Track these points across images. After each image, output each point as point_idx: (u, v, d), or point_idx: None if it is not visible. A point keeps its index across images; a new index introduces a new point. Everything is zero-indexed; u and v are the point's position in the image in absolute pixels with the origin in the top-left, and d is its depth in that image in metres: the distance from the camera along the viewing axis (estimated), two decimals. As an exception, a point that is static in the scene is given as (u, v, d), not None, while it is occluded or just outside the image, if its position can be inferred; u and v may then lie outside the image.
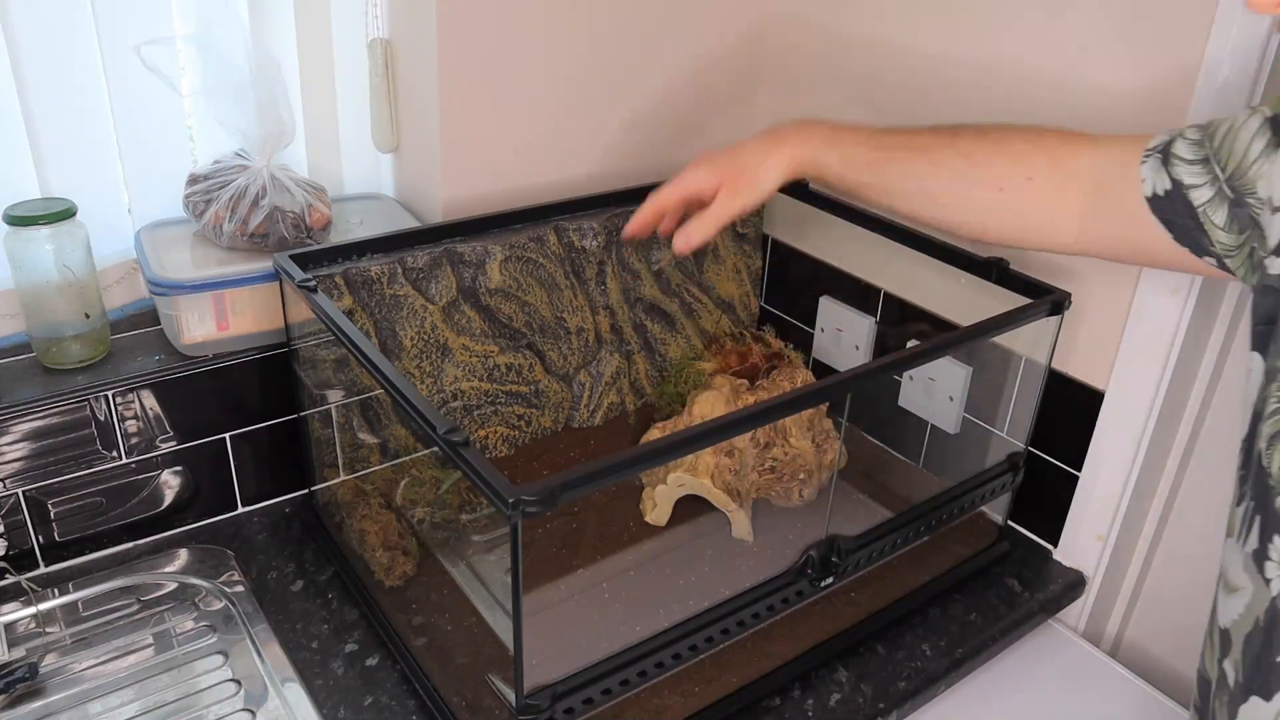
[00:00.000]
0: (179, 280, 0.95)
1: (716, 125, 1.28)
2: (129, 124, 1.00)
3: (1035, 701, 0.97)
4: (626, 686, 0.77)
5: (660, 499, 1.02)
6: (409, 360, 1.01)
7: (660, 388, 1.23)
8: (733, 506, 1.00)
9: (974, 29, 1.02)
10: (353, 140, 1.15)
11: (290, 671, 0.87)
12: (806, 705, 0.88)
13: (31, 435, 0.91)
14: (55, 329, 0.95)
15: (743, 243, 1.26)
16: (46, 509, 0.94)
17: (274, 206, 0.99)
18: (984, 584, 1.04)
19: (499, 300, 1.06)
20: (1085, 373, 1.01)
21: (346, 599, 0.95)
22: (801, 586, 0.87)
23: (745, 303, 1.30)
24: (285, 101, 0.99)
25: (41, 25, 0.92)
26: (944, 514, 0.97)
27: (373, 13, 1.08)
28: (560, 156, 1.17)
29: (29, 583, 0.93)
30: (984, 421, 1.09)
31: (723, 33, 1.23)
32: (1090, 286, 0.98)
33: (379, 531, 0.95)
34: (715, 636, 0.82)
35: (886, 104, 1.13)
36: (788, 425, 1.06)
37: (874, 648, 0.95)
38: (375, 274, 0.96)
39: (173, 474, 1.00)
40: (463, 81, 1.05)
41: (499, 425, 1.10)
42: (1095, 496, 1.03)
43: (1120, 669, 1.02)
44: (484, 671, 0.83)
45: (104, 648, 0.89)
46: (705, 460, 1.00)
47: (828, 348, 1.26)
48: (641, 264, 1.18)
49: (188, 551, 1.00)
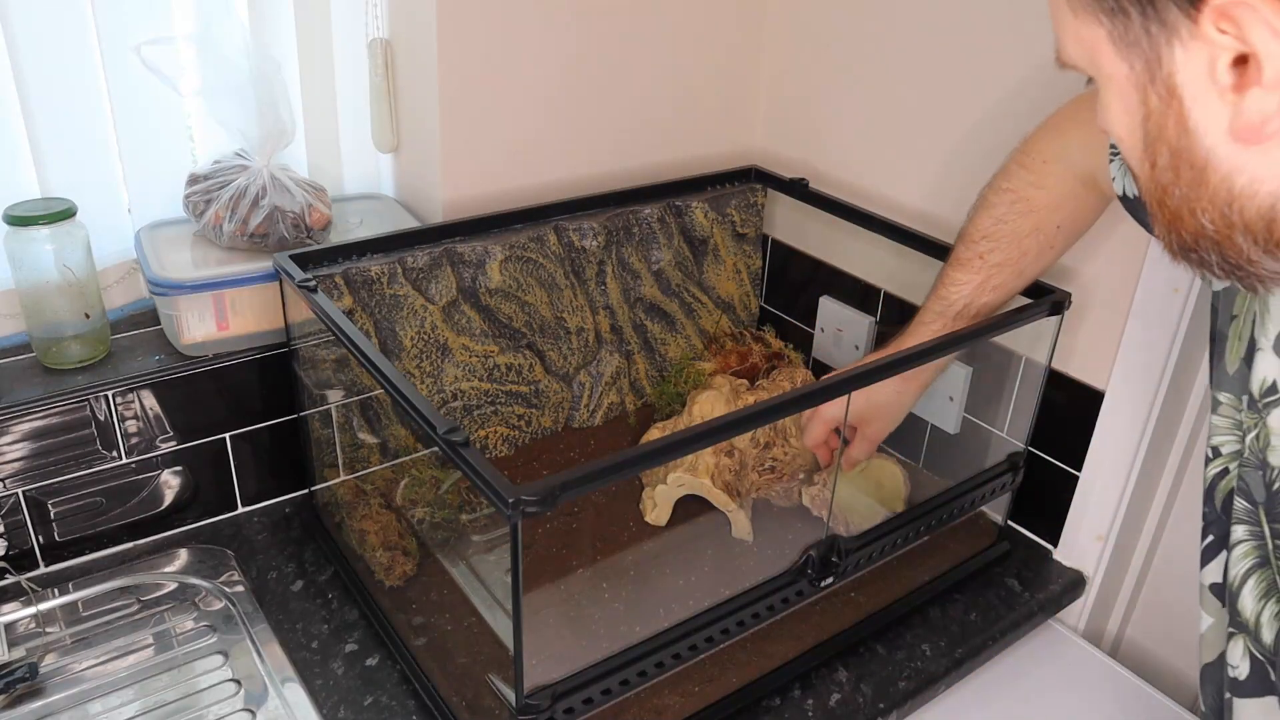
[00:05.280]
0: (179, 280, 0.95)
1: (717, 125, 1.28)
2: (129, 124, 1.00)
3: (1035, 701, 0.97)
4: (626, 686, 0.77)
5: (660, 499, 1.02)
6: (409, 360, 1.01)
7: (660, 388, 1.23)
8: (733, 506, 1.00)
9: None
10: (353, 140, 1.15)
11: (290, 671, 0.87)
12: (806, 705, 0.88)
13: (31, 435, 0.91)
14: (55, 329, 0.95)
15: (743, 243, 1.26)
16: (46, 509, 0.94)
17: (274, 206, 0.99)
18: (984, 584, 1.04)
19: (499, 300, 1.06)
20: (1085, 373, 1.01)
21: (346, 599, 0.95)
22: (801, 586, 0.87)
23: (745, 303, 1.30)
24: (285, 101, 0.99)
25: (41, 25, 0.92)
26: (944, 514, 0.97)
27: (373, 13, 1.08)
28: (560, 156, 1.17)
29: (29, 583, 0.93)
30: (984, 421, 1.09)
31: (723, 33, 1.23)
32: (1090, 286, 0.98)
33: (379, 531, 0.95)
34: (715, 636, 0.82)
35: (887, 108, 1.14)
36: (788, 425, 1.06)
37: (874, 648, 0.95)
38: (375, 274, 0.96)
39: (173, 474, 1.00)
40: (463, 81, 1.05)
41: (499, 425, 1.10)
42: (1095, 496, 1.03)
43: (1120, 669, 1.02)
44: (484, 671, 0.83)
45: (104, 648, 0.89)
46: (705, 460, 1.00)
47: (828, 348, 1.26)
48: (641, 264, 1.18)
49: (188, 551, 1.00)
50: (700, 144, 1.27)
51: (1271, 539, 0.59)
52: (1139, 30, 0.45)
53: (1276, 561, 0.59)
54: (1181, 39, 0.43)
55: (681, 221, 1.20)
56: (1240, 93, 0.42)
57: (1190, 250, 0.49)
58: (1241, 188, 0.45)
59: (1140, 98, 0.47)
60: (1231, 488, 0.63)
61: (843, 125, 1.20)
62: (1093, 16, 0.47)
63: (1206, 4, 0.41)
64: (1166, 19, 0.43)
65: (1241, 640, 0.62)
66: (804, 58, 1.23)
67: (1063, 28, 0.50)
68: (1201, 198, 0.47)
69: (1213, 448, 0.65)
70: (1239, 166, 0.45)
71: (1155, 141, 0.47)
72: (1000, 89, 1.01)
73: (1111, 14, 0.45)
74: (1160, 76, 0.45)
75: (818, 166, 1.23)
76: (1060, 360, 1.01)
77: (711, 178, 1.23)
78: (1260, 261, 0.47)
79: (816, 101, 1.22)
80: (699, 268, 1.24)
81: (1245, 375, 0.61)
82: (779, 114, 1.28)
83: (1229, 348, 0.64)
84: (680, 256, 1.21)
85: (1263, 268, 0.48)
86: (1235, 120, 0.43)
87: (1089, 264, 0.98)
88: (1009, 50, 1.00)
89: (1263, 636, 0.60)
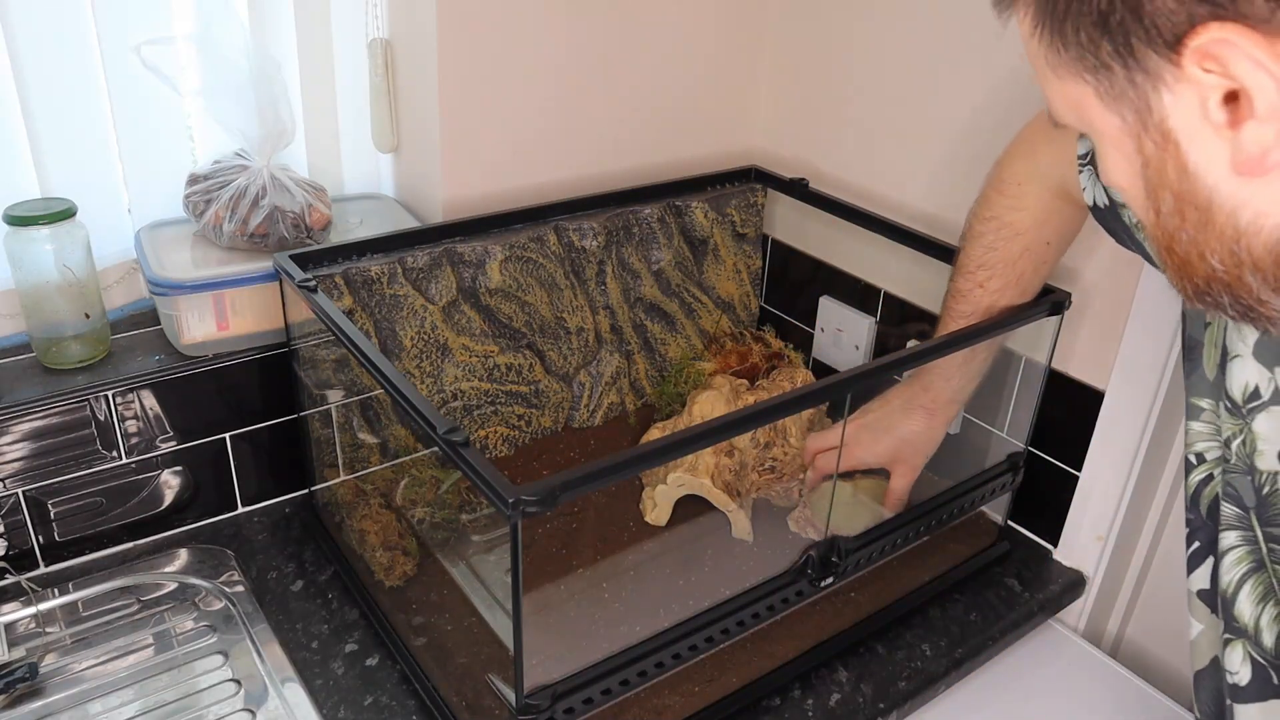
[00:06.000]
0: (179, 280, 0.95)
1: (717, 125, 1.28)
2: (129, 124, 1.00)
3: (1035, 701, 0.97)
4: (626, 686, 0.77)
5: (660, 499, 1.02)
6: (409, 360, 1.01)
7: (660, 388, 1.23)
8: (733, 506, 1.00)
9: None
10: (353, 140, 1.15)
11: (290, 671, 0.87)
12: (806, 705, 0.88)
13: (31, 435, 0.91)
14: (55, 329, 0.95)
15: (743, 243, 1.26)
16: (46, 509, 0.94)
17: (274, 206, 0.99)
18: (984, 584, 1.04)
19: (499, 300, 1.06)
20: (1085, 373, 1.01)
21: (346, 599, 0.95)
22: (801, 586, 0.87)
23: (745, 303, 1.30)
24: (285, 101, 0.99)
25: (41, 25, 0.92)
26: (944, 514, 0.97)
27: (373, 13, 1.08)
28: (560, 156, 1.17)
29: (29, 583, 0.93)
30: (984, 421, 1.09)
31: (723, 33, 1.23)
32: (1090, 286, 0.98)
33: (379, 531, 0.95)
34: (715, 636, 0.82)
35: (887, 107, 1.14)
36: (788, 425, 1.06)
37: (874, 648, 0.95)
38: (375, 274, 0.96)
39: (173, 474, 1.00)
40: (463, 81, 1.05)
41: (499, 425, 1.10)
42: (1095, 496, 1.03)
43: (1120, 669, 1.02)
44: (484, 671, 0.83)
45: (104, 648, 0.89)
46: (705, 460, 1.00)
47: (828, 348, 1.26)
48: (641, 264, 1.18)
49: (188, 551, 1.00)
50: (700, 144, 1.27)
51: (1266, 542, 0.59)
52: (1124, 83, 0.45)
53: (1273, 565, 0.59)
54: (1168, 84, 0.43)
55: (681, 221, 1.20)
56: (1236, 128, 0.42)
57: (1204, 294, 0.49)
58: (1247, 223, 0.45)
59: (1136, 147, 0.47)
60: (1217, 493, 0.63)
61: (843, 125, 1.20)
62: (1076, 76, 0.47)
63: (1186, 46, 0.41)
64: (1149, 67, 0.43)
65: (1240, 645, 0.62)
66: (804, 58, 1.23)
67: (1049, 90, 0.50)
68: (1209, 239, 0.47)
69: (1196, 454, 0.65)
70: (1243, 201, 0.45)
71: (1157, 188, 0.47)
72: (1001, 88, 1.01)
73: (1094, 71, 0.45)
74: (1153, 124, 0.45)
75: (818, 166, 1.23)
76: (1060, 360, 1.01)
77: (711, 178, 1.23)
78: (1270, 301, 0.47)
79: (816, 101, 1.22)
80: (699, 268, 1.24)
81: (1222, 381, 0.61)
82: (779, 114, 1.28)
83: (1205, 355, 0.64)
84: (680, 256, 1.21)
85: (1272, 308, 0.47)
86: (1235, 155, 0.43)
87: (1089, 264, 0.98)
88: (1009, 49, 0.99)
89: (1263, 640, 0.60)
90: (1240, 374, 0.59)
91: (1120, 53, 0.43)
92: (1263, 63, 0.39)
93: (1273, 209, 0.44)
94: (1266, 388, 0.58)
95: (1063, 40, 0.46)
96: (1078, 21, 0.44)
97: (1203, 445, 0.64)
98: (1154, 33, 0.42)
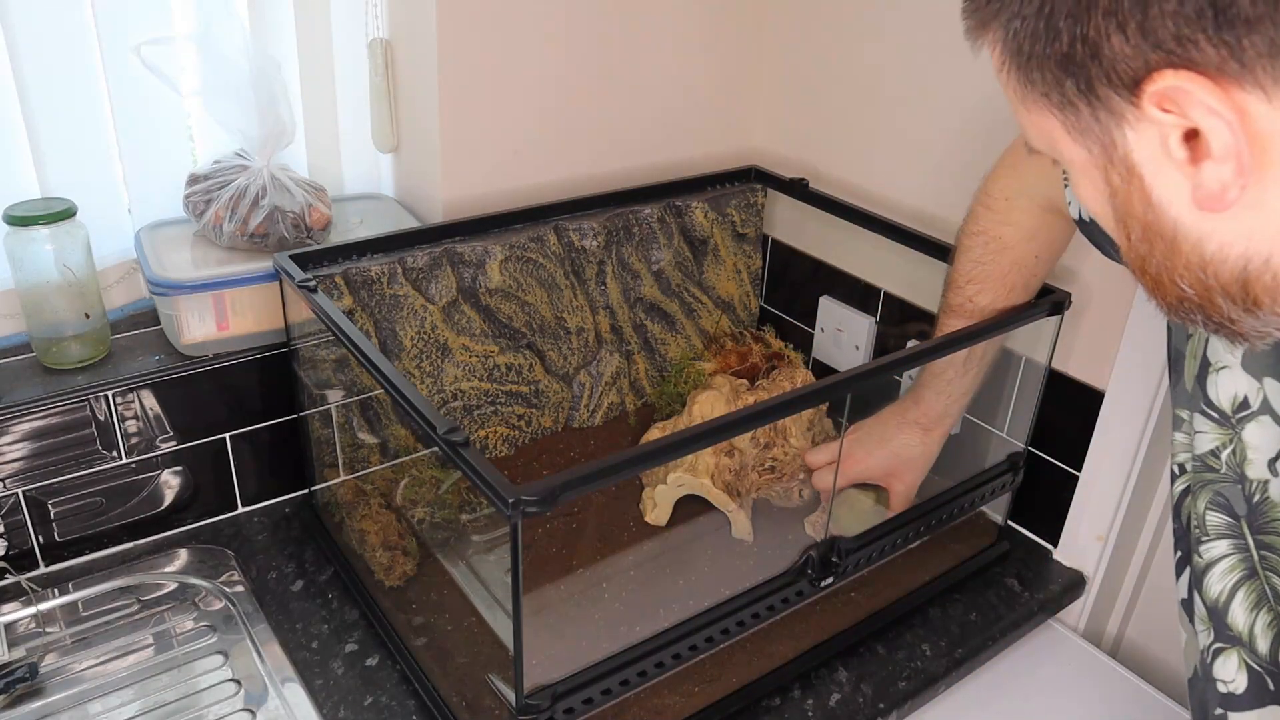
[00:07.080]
0: (179, 280, 0.95)
1: (717, 125, 1.28)
2: (129, 124, 1.00)
3: (1035, 701, 0.97)
4: (626, 686, 0.77)
5: (660, 499, 1.02)
6: (409, 360, 1.01)
7: (660, 388, 1.23)
8: (733, 506, 1.00)
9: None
10: (353, 140, 1.15)
11: (290, 671, 0.87)
12: (806, 705, 0.88)
13: (31, 435, 0.91)
14: (55, 329, 0.95)
15: (743, 243, 1.26)
16: (46, 509, 0.94)
17: (274, 206, 0.99)
18: (984, 584, 1.04)
19: (499, 300, 1.06)
20: (1085, 373, 1.01)
21: (346, 599, 0.95)
22: (801, 586, 0.87)
23: (745, 303, 1.30)
24: (285, 101, 0.99)
25: (41, 25, 0.92)
26: (944, 514, 0.97)
27: (373, 13, 1.08)
28: (560, 156, 1.17)
29: (29, 583, 0.93)
30: (984, 421, 1.09)
31: (723, 33, 1.23)
32: (1090, 286, 0.98)
33: (379, 531, 0.95)
34: (715, 636, 0.82)
35: (886, 107, 1.14)
36: (788, 425, 1.06)
37: (874, 648, 0.95)
38: (375, 274, 0.96)
39: (173, 474, 1.00)
40: (463, 81, 1.05)
41: (499, 425, 1.10)
42: (1095, 496, 1.03)
43: (1120, 669, 1.02)
44: (484, 671, 0.83)
45: (104, 648, 0.89)
46: (705, 460, 1.00)
47: (828, 348, 1.26)
48: (641, 264, 1.18)
49: (188, 551, 1.00)
50: (700, 144, 1.27)
51: (1257, 550, 0.60)
52: (1089, 119, 0.46)
53: (1265, 572, 0.60)
54: (1130, 122, 0.44)
55: (681, 221, 1.20)
56: (1196, 165, 0.43)
57: (1178, 311, 0.51)
58: (1212, 254, 0.46)
59: (1103, 177, 0.48)
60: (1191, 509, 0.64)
61: (843, 125, 1.20)
62: (1044, 110, 0.48)
63: (1144, 90, 0.42)
64: (1112, 106, 0.44)
65: (1236, 653, 0.62)
66: (804, 58, 1.23)
67: (1022, 120, 0.51)
68: (1177, 265, 0.48)
69: (1179, 465, 0.65)
70: (1207, 233, 0.46)
71: (1125, 216, 0.49)
72: (1000, 88, 1.01)
73: (1061, 107, 0.46)
74: (1118, 157, 0.46)
75: (818, 166, 1.23)
76: (1060, 360, 1.01)
77: (711, 178, 1.23)
78: (1241, 320, 0.48)
79: (816, 101, 1.22)
80: (699, 268, 1.24)
81: (1199, 393, 0.62)
82: (779, 114, 1.28)
83: (1185, 366, 0.64)
84: (680, 256, 1.21)
85: (1244, 325, 0.48)
86: (1196, 191, 0.44)
87: (1089, 264, 0.98)
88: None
89: (1258, 647, 0.60)
90: (1229, 384, 0.60)
91: (1084, 92, 0.45)
92: (1215, 109, 0.41)
93: (1236, 240, 0.45)
94: (1255, 398, 0.58)
95: (1028, 78, 0.47)
96: (1042, 61, 0.45)
97: (1184, 456, 0.65)
98: (1113, 75, 0.43)
